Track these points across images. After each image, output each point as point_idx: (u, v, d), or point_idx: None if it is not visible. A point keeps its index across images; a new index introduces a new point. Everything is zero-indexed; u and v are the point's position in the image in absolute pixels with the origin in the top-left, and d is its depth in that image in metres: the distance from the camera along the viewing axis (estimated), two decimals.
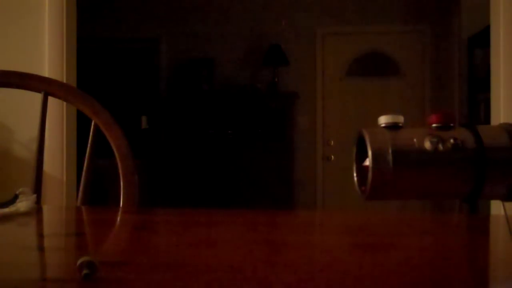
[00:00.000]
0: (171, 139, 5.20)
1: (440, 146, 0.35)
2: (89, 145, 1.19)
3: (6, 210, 0.81)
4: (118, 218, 0.87)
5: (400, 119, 0.37)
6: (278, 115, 4.91)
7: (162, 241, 0.64)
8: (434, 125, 0.36)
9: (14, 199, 0.88)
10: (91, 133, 1.19)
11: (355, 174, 0.36)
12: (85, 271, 0.41)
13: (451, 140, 0.34)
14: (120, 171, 1.14)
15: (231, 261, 0.50)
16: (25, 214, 0.82)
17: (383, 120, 0.37)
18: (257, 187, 4.96)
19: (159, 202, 4.95)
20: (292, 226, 0.77)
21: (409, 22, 5.05)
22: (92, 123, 1.18)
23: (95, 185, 1.43)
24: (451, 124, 0.36)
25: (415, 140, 0.35)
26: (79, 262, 0.42)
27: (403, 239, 0.64)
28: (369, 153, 0.35)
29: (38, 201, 1.04)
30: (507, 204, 0.38)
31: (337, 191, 5.12)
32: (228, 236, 0.65)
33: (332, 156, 5.15)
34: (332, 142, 5.14)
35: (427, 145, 0.35)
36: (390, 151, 0.35)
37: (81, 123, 2.35)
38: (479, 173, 0.34)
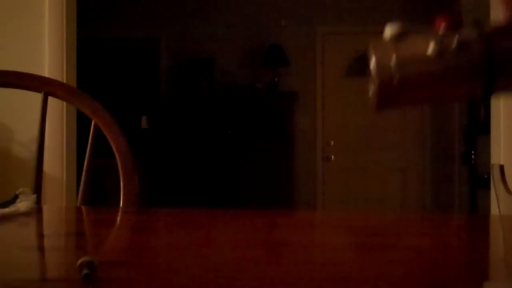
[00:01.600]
0: (171, 139, 5.20)
1: (444, 48, 0.34)
2: (89, 145, 1.19)
3: (6, 210, 0.81)
4: (118, 218, 0.87)
5: (406, 26, 0.37)
6: (278, 115, 4.91)
7: (162, 241, 0.64)
8: (442, 26, 0.36)
9: (14, 199, 0.88)
10: (91, 133, 1.19)
11: (371, 87, 0.36)
12: (85, 271, 0.41)
13: (455, 40, 0.34)
14: (120, 171, 1.14)
15: (231, 260, 0.50)
16: (25, 214, 0.82)
17: (388, 30, 0.37)
18: (257, 187, 4.96)
19: (159, 202, 4.95)
20: (292, 226, 0.77)
21: (409, 22, 5.04)
22: (92, 123, 1.18)
23: (95, 185, 1.43)
24: (458, 26, 0.36)
25: (418, 45, 0.35)
26: (79, 262, 0.42)
27: (403, 239, 0.64)
28: (373, 62, 0.34)
29: (38, 201, 1.04)
30: (504, 203, 0.38)
31: (337, 191, 5.12)
32: (228, 235, 0.65)
33: (332, 156, 5.15)
34: (332, 142, 5.14)
35: (431, 48, 0.34)
36: (393, 58, 0.34)
37: (81, 123, 2.35)
38: (488, 74, 0.34)
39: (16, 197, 0.89)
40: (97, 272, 0.42)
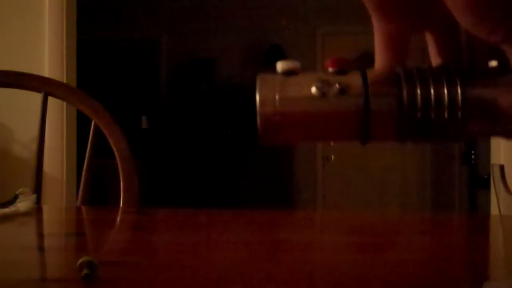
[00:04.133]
0: (171, 139, 5.20)
1: (326, 91, 0.35)
2: (89, 145, 1.19)
3: (6, 210, 0.81)
4: (118, 218, 0.87)
5: (296, 65, 0.38)
6: None
7: (162, 241, 0.64)
8: (330, 69, 0.37)
9: (14, 199, 0.88)
10: (91, 133, 1.19)
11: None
12: (85, 271, 0.41)
13: (337, 85, 0.35)
14: (120, 171, 1.14)
15: (231, 261, 0.50)
16: (25, 214, 0.82)
17: (279, 66, 0.38)
18: (257, 187, 4.97)
19: (159, 202, 4.95)
20: (292, 226, 0.77)
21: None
22: (92, 123, 1.18)
23: (95, 185, 1.43)
24: (346, 70, 0.37)
25: (303, 84, 0.36)
26: (79, 262, 0.42)
27: (403, 239, 0.64)
28: (257, 98, 0.35)
29: (38, 201, 1.04)
30: (504, 203, 0.38)
31: (337, 191, 5.12)
32: (228, 236, 0.65)
33: (332, 156, 5.15)
34: (332, 142, 5.14)
35: (314, 90, 0.35)
36: (277, 96, 0.35)
37: (81, 123, 2.35)
38: (364, 117, 0.35)
39: (16, 197, 0.89)
40: (97, 272, 0.42)
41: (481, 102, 0.35)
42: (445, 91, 0.34)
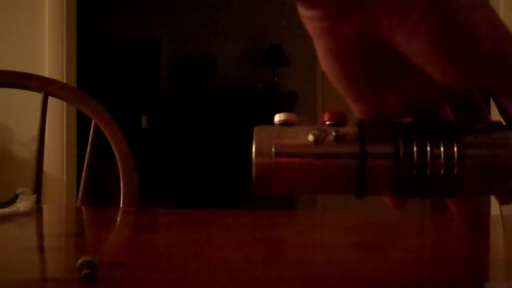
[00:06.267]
0: (171, 138, 5.20)
1: (322, 138, 0.35)
2: (89, 144, 1.19)
3: (6, 210, 0.81)
4: (118, 218, 0.87)
5: (293, 117, 0.38)
6: None
7: (162, 241, 0.64)
8: (326, 122, 0.37)
9: (14, 199, 0.88)
10: (91, 133, 1.19)
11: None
12: (85, 271, 0.41)
13: (333, 133, 0.35)
14: (120, 171, 1.14)
15: (232, 260, 0.50)
16: (25, 214, 0.82)
17: (276, 118, 0.38)
18: None
19: (159, 201, 4.95)
20: (292, 226, 0.77)
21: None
22: (92, 123, 1.18)
23: (96, 185, 1.43)
24: (342, 123, 0.37)
25: (300, 133, 0.36)
26: (79, 262, 0.42)
27: (403, 239, 0.64)
28: (253, 146, 0.35)
29: (38, 201, 1.04)
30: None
31: None
32: (229, 235, 0.65)
33: None
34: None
35: (310, 137, 0.35)
36: (273, 144, 0.35)
37: (81, 123, 2.35)
38: (360, 171, 0.35)
39: (16, 197, 0.89)
40: (97, 272, 0.42)
41: (477, 160, 0.34)
42: (441, 149, 0.34)
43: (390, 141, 0.35)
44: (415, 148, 0.34)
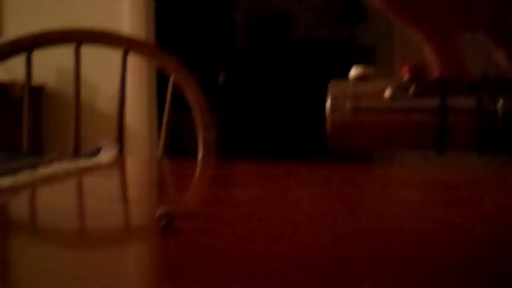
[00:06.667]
0: (248, 94, 5.23)
1: (400, 95, 0.33)
2: (168, 99, 1.21)
3: (89, 161, 0.84)
4: (197, 171, 0.89)
5: (370, 70, 0.35)
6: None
7: (240, 194, 0.64)
8: (405, 77, 0.34)
9: (97, 151, 0.92)
10: (169, 88, 1.20)
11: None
12: (163, 222, 0.42)
13: (412, 88, 0.32)
14: (198, 123, 1.15)
15: (306, 214, 0.49)
16: (107, 165, 0.85)
17: (353, 71, 0.35)
18: None
19: (237, 156, 5.03)
20: (370, 182, 0.75)
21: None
22: (171, 79, 1.20)
23: (175, 139, 1.46)
24: (422, 76, 0.34)
25: (376, 89, 0.34)
26: (158, 213, 0.42)
27: (486, 195, 0.61)
28: (328, 101, 0.33)
29: (120, 153, 1.07)
30: None
31: None
32: (307, 190, 0.64)
33: None
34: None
35: (387, 93, 0.33)
36: (348, 99, 0.33)
37: (161, 78, 2.40)
38: (440, 123, 0.32)
39: (99, 149, 0.92)
40: (175, 223, 0.43)
41: None
42: None
43: (473, 96, 0.33)
44: (500, 104, 0.32)
